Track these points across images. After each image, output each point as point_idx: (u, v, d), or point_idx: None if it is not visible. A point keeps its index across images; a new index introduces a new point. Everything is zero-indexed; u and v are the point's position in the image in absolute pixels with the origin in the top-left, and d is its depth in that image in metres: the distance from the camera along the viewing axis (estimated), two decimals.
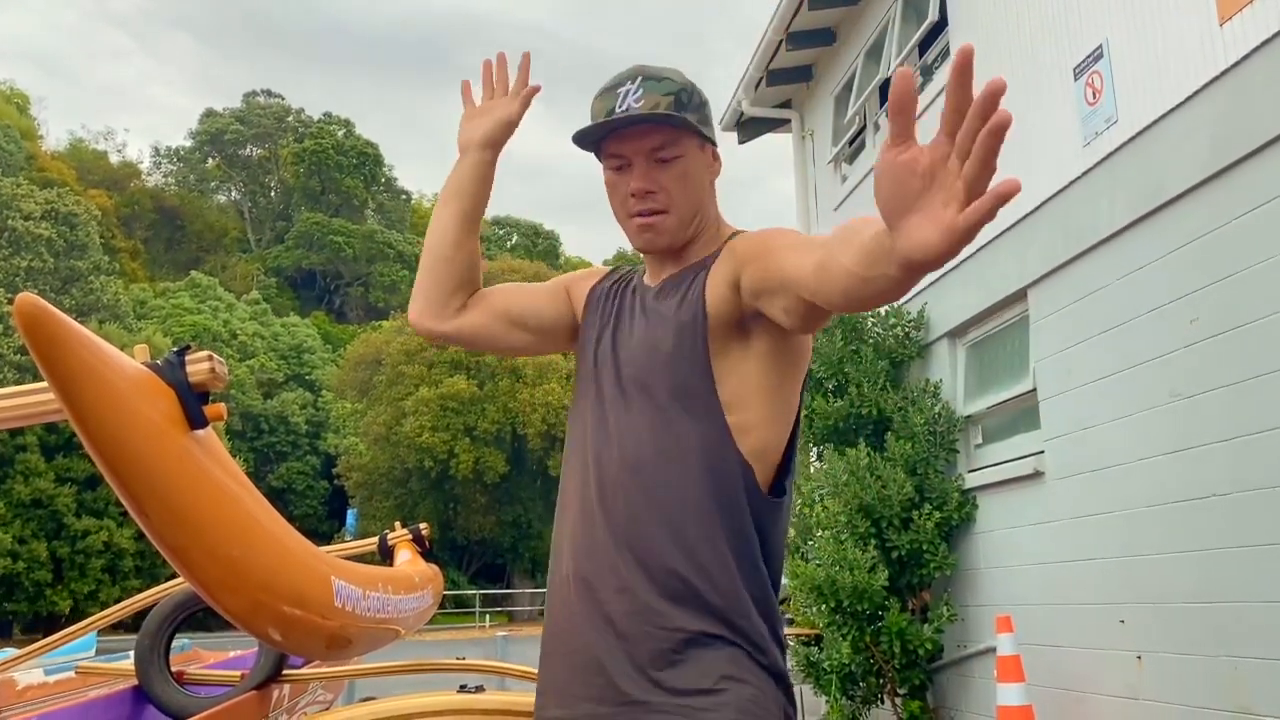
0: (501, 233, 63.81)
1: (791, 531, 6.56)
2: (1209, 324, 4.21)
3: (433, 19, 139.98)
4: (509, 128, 1.70)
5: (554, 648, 1.50)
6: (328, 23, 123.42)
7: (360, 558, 3.73)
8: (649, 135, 1.49)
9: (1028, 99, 5.63)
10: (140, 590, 5.34)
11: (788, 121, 9.51)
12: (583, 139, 1.52)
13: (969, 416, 6.35)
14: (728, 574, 1.41)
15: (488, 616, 31.00)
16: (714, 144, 1.58)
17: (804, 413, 1.62)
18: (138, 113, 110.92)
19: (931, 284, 6.69)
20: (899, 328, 6.85)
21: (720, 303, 1.45)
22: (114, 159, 64.70)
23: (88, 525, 28.70)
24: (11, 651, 3.99)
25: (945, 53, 6.80)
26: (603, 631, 1.42)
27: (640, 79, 1.50)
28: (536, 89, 1.71)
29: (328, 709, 3.75)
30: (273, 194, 67.18)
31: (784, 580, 5.72)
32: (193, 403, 1.42)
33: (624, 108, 1.48)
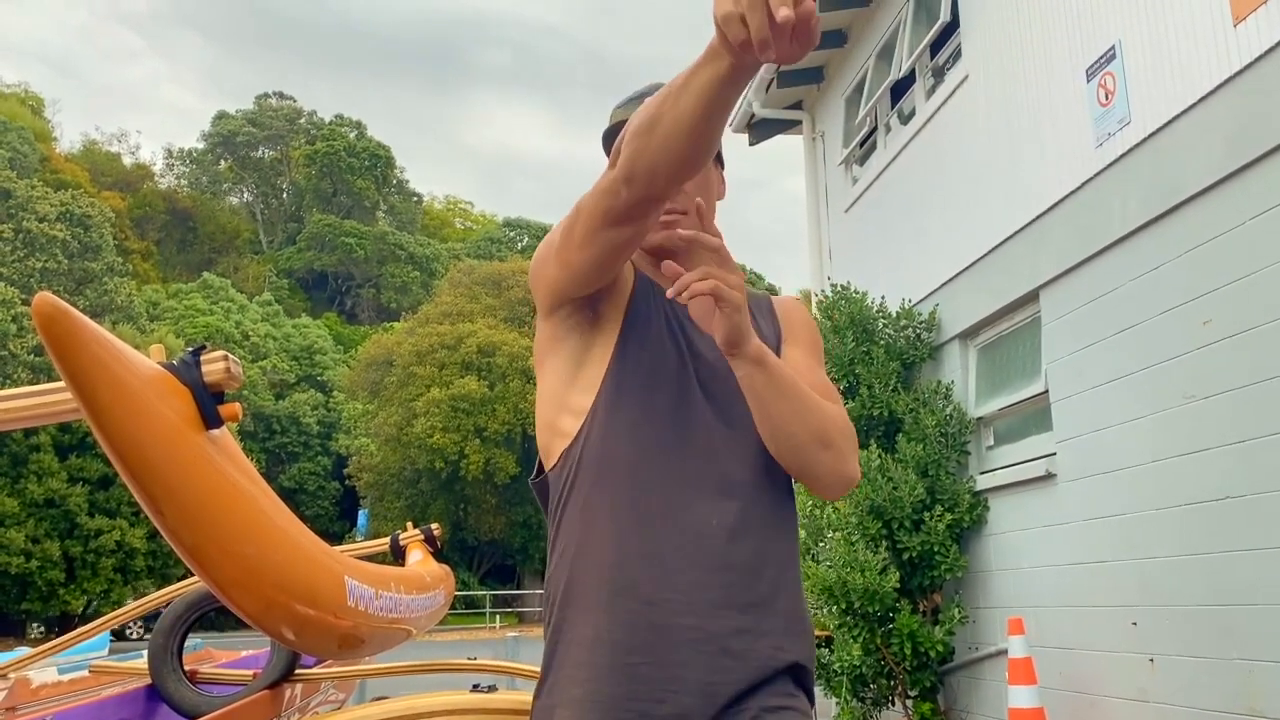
0: (513, 234, 63.92)
1: (802, 533, 6.55)
2: (1222, 325, 4.19)
3: (443, 19, 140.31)
4: None
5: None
6: (338, 24, 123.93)
7: (372, 558, 3.73)
8: None
9: (1040, 100, 5.62)
10: (152, 590, 5.35)
11: (798, 123, 9.49)
12: (615, 133, 1.49)
13: (980, 418, 6.33)
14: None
15: (498, 617, 31.07)
16: (723, 168, 1.63)
17: None
18: (150, 113, 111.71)
19: (943, 285, 6.67)
20: (910, 329, 6.83)
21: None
22: (127, 161, 65.14)
23: (100, 525, 28.80)
24: (25, 650, 4.01)
25: (957, 53, 6.79)
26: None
27: None
28: None
29: (340, 708, 3.76)
30: (284, 196, 67.48)
31: None
32: (208, 402, 1.42)
33: None
